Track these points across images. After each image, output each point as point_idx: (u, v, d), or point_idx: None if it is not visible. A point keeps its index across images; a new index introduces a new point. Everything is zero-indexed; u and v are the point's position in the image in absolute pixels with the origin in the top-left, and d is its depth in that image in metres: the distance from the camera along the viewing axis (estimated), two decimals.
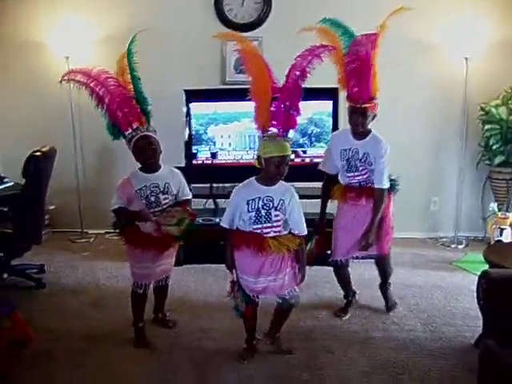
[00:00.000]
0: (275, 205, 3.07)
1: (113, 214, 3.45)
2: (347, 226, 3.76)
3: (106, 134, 3.38)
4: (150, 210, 3.36)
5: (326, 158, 3.87)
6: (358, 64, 3.46)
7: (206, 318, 3.93)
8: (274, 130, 3.05)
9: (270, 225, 3.08)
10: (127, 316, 3.67)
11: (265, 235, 3.07)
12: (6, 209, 4.35)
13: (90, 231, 5.84)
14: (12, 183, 5.00)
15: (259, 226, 3.07)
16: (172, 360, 3.39)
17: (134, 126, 3.35)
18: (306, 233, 3.19)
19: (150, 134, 3.37)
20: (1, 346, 3.21)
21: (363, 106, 3.51)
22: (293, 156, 4.80)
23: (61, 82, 3.42)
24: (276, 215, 3.08)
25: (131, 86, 3.41)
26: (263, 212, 3.06)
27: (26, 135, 5.50)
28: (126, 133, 3.37)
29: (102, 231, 5.79)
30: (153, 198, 3.38)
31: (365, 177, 3.66)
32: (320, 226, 3.91)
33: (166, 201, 3.42)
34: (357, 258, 3.87)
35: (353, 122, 3.59)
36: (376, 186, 3.63)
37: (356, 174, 3.67)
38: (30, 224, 4.37)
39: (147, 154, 3.35)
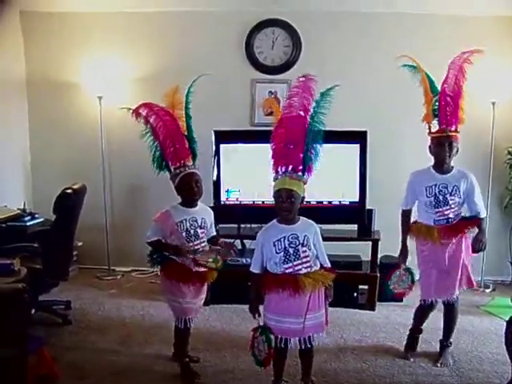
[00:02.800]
0: (301, 241, 3.10)
1: (149, 245, 3.53)
2: (442, 266, 3.72)
3: (136, 172, 3.44)
4: (190, 244, 3.46)
5: (406, 198, 3.87)
6: (449, 97, 3.61)
7: (231, 358, 3.91)
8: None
9: (299, 262, 3.09)
10: (156, 353, 3.73)
11: (297, 273, 3.08)
12: (36, 244, 4.41)
13: (117, 269, 5.89)
14: (42, 219, 5.07)
15: (290, 264, 3.08)
16: None
17: (182, 162, 3.47)
18: (329, 265, 3.22)
19: (196, 171, 3.52)
20: (27, 382, 3.22)
21: (450, 134, 3.60)
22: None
23: (136, 118, 3.53)
24: (304, 251, 3.10)
25: (181, 123, 3.56)
26: (291, 250, 3.08)
27: (58, 173, 5.64)
28: (173, 167, 3.48)
29: (129, 269, 5.86)
30: (192, 231, 3.49)
31: (453, 210, 3.67)
32: (403, 258, 3.90)
33: (203, 235, 3.55)
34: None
35: (439, 153, 3.64)
36: (475, 216, 3.71)
37: (445, 208, 3.67)
38: (59, 260, 4.41)
39: (193, 190, 3.49)
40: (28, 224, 4.92)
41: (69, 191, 4.22)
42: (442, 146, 3.62)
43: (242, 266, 4.80)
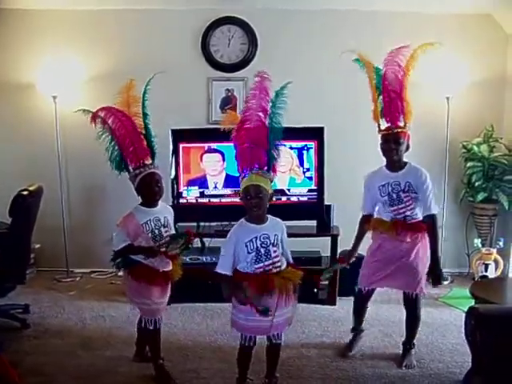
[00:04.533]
0: (272, 241, 3.12)
1: (115, 255, 3.47)
2: (383, 257, 3.75)
3: (93, 172, 3.36)
4: (156, 244, 3.43)
5: (365, 200, 3.87)
6: (393, 93, 3.60)
7: (195, 357, 3.90)
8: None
9: (270, 261, 3.10)
10: (118, 354, 3.73)
11: (268, 273, 3.09)
12: None
13: (76, 270, 5.80)
14: None
15: (261, 264, 3.09)
16: None
17: (141, 162, 3.44)
18: (292, 262, 3.26)
19: (156, 171, 3.49)
20: None
21: (395, 131, 3.60)
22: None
23: (93, 122, 3.46)
24: (274, 251, 3.12)
25: (138, 122, 3.53)
26: (262, 250, 3.09)
27: (13, 175, 5.49)
28: (133, 167, 3.45)
29: (88, 270, 5.79)
30: (157, 231, 3.47)
31: (410, 207, 3.66)
32: (348, 257, 3.94)
33: (167, 234, 3.51)
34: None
35: (386, 150, 3.65)
36: (425, 213, 3.67)
37: (401, 206, 3.66)
38: (16, 263, 4.34)
39: (154, 190, 3.46)
40: None
41: (25, 193, 4.14)
42: (388, 143, 3.62)
43: (201, 264, 4.81)
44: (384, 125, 3.67)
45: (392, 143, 3.61)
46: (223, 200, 5.04)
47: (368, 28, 5.47)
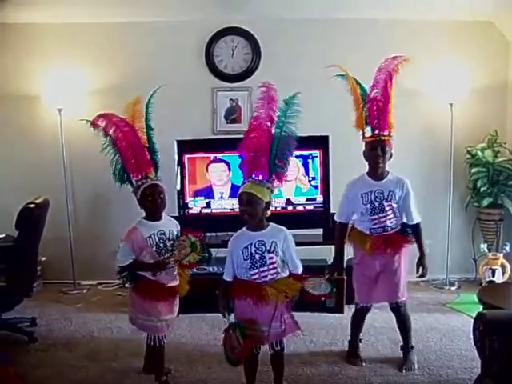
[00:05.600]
0: (267, 248, 3.13)
1: (120, 269, 3.47)
2: (367, 271, 3.76)
3: (99, 184, 3.36)
4: (161, 257, 3.40)
5: (342, 208, 3.86)
6: (381, 103, 3.62)
7: (203, 368, 3.89)
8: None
9: (265, 268, 3.12)
10: (126, 366, 3.75)
11: (263, 279, 3.11)
12: None
13: (83, 282, 5.80)
14: (3, 235, 4.99)
15: (256, 270, 3.12)
16: None
17: (144, 174, 3.43)
18: (300, 271, 3.25)
19: (158, 183, 3.47)
20: None
21: (382, 138, 3.62)
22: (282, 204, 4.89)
23: (94, 129, 3.48)
24: (270, 258, 3.13)
25: (142, 135, 3.52)
26: (257, 257, 3.12)
27: (18, 188, 5.50)
28: (135, 180, 3.44)
29: (95, 282, 5.79)
30: (162, 245, 3.44)
31: (390, 217, 3.68)
32: (338, 270, 4.01)
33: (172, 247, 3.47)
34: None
35: (372, 157, 3.66)
36: (410, 223, 3.73)
37: (381, 215, 3.67)
38: (23, 276, 4.35)
39: (156, 202, 3.44)
40: None
41: (31, 206, 4.16)
42: (374, 151, 3.64)
43: (209, 274, 4.81)
44: (369, 132, 3.70)
45: (379, 150, 3.63)
46: (229, 210, 5.05)
47: (368, 36, 5.51)
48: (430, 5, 5.20)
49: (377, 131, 3.65)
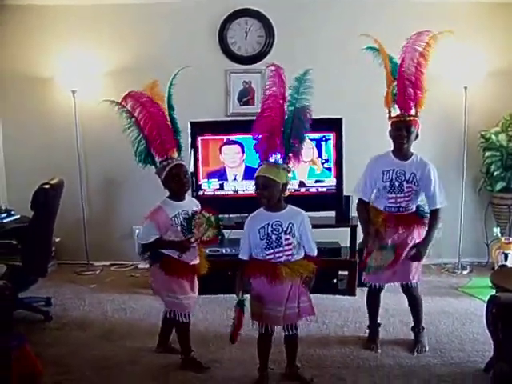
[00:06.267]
0: (284, 229, 3.14)
1: (143, 248, 3.50)
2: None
3: (113, 166, 3.28)
4: (184, 238, 3.44)
5: (363, 183, 3.80)
6: (408, 81, 3.57)
7: (216, 348, 3.93)
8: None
9: (281, 249, 3.14)
10: (140, 346, 3.81)
11: (277, 260, 3.14)
12: (14, 241, 4.38)
13: (96, 263, 5.85)
14: (19, 216, 5.04)
15: (271, 251, 3.14)
16: None
17: (169, 155, 3.45)
18: (315, 254, 3.26)
19: (183, 163, 3.51)
20: (11, 379, 3.21)
21: (407, 118, 3.58)
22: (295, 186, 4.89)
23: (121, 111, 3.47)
24: (286, 239, 3.14)
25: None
26: (274, 237, 3.13)
27: (33, 169, 5.57)
28: (159, 160, 3.46)
29: (108, 263, 5.85)
30: (186, 225, 3.46)
31: (407, 199, 3.65)
32: (371, 244, 3.79)
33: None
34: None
35: (397, 137, 3.62)
36: (431, 207, 3.67)
37: (399, 195, 3.64)
38: (38, 256, 4.38)
39: (182, 181, 3.47)
40: (4, 221, 4.90)
41: (46, 186, 4.19)
42: (399, 131, 3.59)
43: (222, 255, 4.84)
44: (395, 112, 3.65)
45: (404, 131, 3.59)
46: (243, 192, 5.07)
47: (384, 16, 5.47)
48: None
49: (402, 111, 3.60)
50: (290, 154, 3.17)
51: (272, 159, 3.14)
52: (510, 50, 5.57)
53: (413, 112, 3.61)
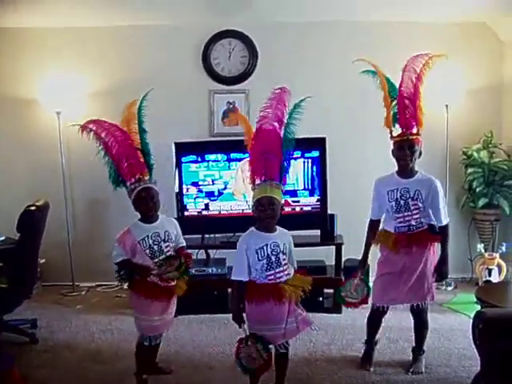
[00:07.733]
0: (281, 249, 3.19)
1: (116, 266, 3.50)
2: (391, 270, 3.72)
3: (97, 186, 3.35)
4: (155, 260, 3.43)
5: (376, 206, 3.83)
6: (408, 100, 3.61)
7: (204, 368, 3.92)
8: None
9: (281, 269, 3.18)
10: (127, 367, 3.75)
11: (278, 280, 3.17)
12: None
13: (82, 284, 5.83)
14: (4, 237, 5.01)
15: (272, 271, 3.17)
16: None
17: (137, 177, 3.45)
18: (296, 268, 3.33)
19: (151, 186, 3.48)
20: None
21: (410, 137, 3.59)
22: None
23: (82, 133, 3.49)
24: (284, 259, 3.20)
25: (137, 137, 3.54)
26: (273, 258, 3.17)
27: (17, 190, 5.56)
28: (129, 183, 3.46)
29: (94, 284, 5.82)
30: (156, 247, 3.45)
31: (415, 217, 3.64)
32: (361, 268, 3.86)
33: (168, 248, 3.50)
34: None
35: (400, 156, 3.63)
36: (438, 225, 3.69)
37: (406, 214, 3.64)
38: (24, 278, 4.35)
39: (148, 205, 3.45)
40: None
41: (32, 208, 4.18)
42: (403, 150, 3.61)
43: (207, 275, 4.84)
44: (397, 131, 3.67)
45: (407, 150, 3.60)
46: (227, 212, 5.07)
47: (362, 38, 5.53)
48: (423, 7, 5.21)
49: (404, 130, 3.61)
50: (285, 174, 3.24)
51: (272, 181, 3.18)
52: (489, 68, 5.69)
53: (414, 130, 3.64)
